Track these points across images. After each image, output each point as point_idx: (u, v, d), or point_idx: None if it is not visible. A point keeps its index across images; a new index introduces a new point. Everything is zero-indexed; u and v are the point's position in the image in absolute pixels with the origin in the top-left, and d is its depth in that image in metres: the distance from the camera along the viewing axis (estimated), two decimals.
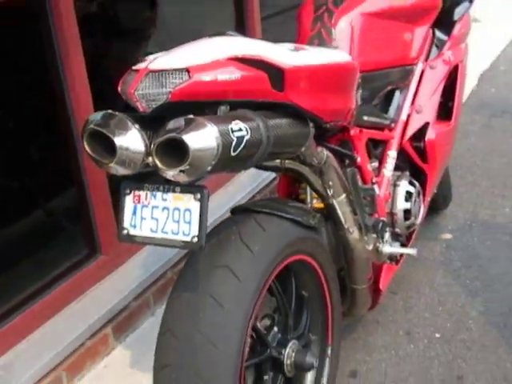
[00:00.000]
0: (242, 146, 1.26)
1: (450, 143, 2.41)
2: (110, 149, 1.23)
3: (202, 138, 1.18)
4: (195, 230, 1.28)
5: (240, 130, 1.26)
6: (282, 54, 1.41)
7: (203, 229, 1.28)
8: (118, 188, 1.39)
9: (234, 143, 1.23)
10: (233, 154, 1.24)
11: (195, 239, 1.28)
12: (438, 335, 2.28)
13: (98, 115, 1.26)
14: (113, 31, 2.90)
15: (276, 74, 1.37)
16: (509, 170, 3.39)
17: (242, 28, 3.06)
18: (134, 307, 2.34)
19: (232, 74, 1.30)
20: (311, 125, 1.53)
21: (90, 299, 2.26)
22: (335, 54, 1.67)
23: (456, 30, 2.43)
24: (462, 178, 3.34)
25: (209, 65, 1.27)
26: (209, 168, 1.20)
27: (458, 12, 2.46)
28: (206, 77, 1.26)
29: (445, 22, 2.40)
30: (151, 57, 1.30)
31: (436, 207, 2.95)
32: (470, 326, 2.31)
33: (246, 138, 1.27)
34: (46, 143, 2.63)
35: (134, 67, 1.26)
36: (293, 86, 1.41)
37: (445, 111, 2.41)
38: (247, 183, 3.00)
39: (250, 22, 3.05)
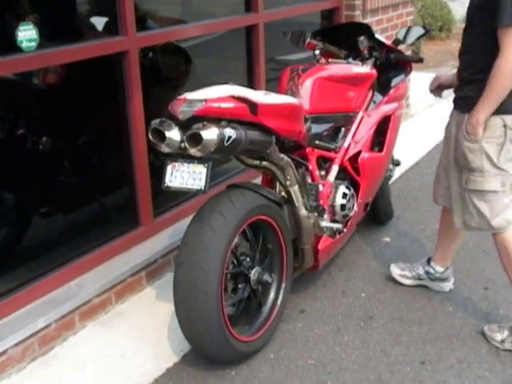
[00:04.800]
0: (230, 141, 2.41)
1: (380, 166, 3.54)
2: (162, 137, 2.40)
3: (209, 133, 2.35)
4: (203, 184, 2.44)
5: (230, 132, 2.42)
6: (257, 96, 2.59)
7: (207, 183, 2.44)
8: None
9: (226, 138, 2.39)
10: (225, 144, 2.40)
11: (202, 188, 2.44)
12: (363, 294, 3.37)
13: (157, 120, 2.44)
14: (158, 78, 4.09)
15: (253, 106, 2.54)
16: None
17: (251, 80, 4.25)
18: (160, 262, 3.45)
19: (229, 104, 2.48)
20: (273, 137, 2.68)
21: (132, 253, 3.38)
22: (288, 98, 2.84)
23: (391, 92, 3.59)
24: (409, 204, 4.46)
25: (217, 98, 2.45)
26: (212, 149, 2.36)
27: (394, 81, 3.64)
28: (215, 104, 2.43)
29: (383, 86, 3.57)
30: (187, 92, 2.48)
31: (381, 220, 4.07)
32: (386, 291, 3.40)
33: (233, 137, 2.43)
34: (106, 153, 3.81)
35: (178, 97, 2.44)
36: (262, 113, 2.57)
37: (380, 145, 3.55)
38: None
39: (256, 79, 4.24)
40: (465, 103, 2.76)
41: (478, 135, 2.69)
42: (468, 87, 2.75)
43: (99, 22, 3.44)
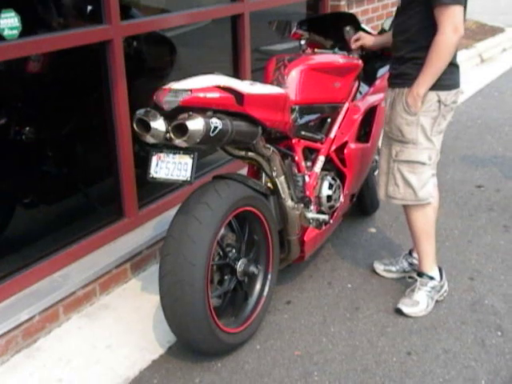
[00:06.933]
0: (216, 131, 2.39)
1: (366, 157, 3.53)
2: (147, 128, 2.37)
3: (195, 123, 2.32)
4: (188, 174, 2.42)
5: (216, 122, 2.40)
6: (243, 86, 2.57)
7: (193, 174, 2.41)
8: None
9: (212, 129, 2.37)
10: (211, 134, 2.38)
11: (188, 179, 2.41)
12: (349, 285, 3.37)
13: (142, 110, 2.41)
14: (142, 68, 4.05)
15: (239, 96, 2.52)
16: None
17: (236, 70, 4.22)
18: (145, 254, 3.43)
19: (214, 94, 2.45)
20: (259, 127, 2.66)
21: (117, 245, 3.35)
22: (274, 88, 2.82)
23: (377, 83, 3.58)
24: None
25: (202, 88, 2.43)
26: (198, 140, 2.34)
27: (380, 72, 3.63)
28: (200, 94, 2.41)
29: (369, 77, 3.56)
30: (172, 82, 2.45)
31: (367, 211, 4.07)
32: (372, 282, 3.40)
33: (219, 127, 2.40)
34: (90, 144, 3.77)
35: (163, 87, 2.41)
36: (248, 103, 2.55)
37: (366, 136, 3.54)
38: None
39: (242, 69, 4.21)
40: (403, 79, 2.91)
41: (418, 107, 2.86)
42: (406, 64, 2.90)
43: (83, 9, 3.40)
